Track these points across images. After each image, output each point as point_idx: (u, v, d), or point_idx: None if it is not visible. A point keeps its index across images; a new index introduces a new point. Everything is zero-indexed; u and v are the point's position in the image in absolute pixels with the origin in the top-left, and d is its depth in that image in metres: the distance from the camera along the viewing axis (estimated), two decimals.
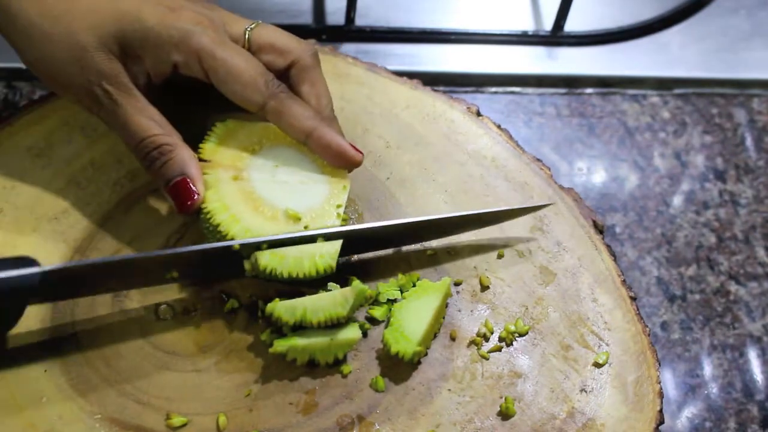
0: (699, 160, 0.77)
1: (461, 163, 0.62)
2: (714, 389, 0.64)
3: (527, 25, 0.82)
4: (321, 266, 0.51)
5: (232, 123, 0.55)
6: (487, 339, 0.54)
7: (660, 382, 0.53)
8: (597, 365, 0.54)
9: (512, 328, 0.54)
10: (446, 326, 0.54)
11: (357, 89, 0.64)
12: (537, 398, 0.52)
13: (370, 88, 0.64)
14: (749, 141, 0.79)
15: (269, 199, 0.53)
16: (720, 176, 0.76)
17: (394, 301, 0.54)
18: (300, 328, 0.50)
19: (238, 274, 0.52)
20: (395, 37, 0.80)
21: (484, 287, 0.56)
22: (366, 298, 0.52)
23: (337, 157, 0.54)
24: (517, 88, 0.79)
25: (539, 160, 0.63)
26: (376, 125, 0.62)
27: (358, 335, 0.51)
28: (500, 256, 0.58)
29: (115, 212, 0.56)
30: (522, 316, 0.55)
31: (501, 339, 0.54)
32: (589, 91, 0.80)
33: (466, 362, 0.53)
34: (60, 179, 0.57)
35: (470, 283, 0.56)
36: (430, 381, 0.52)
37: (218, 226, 0.51)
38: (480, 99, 0.78)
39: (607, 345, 0.55)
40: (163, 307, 0.53)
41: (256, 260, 0.50)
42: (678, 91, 0.81)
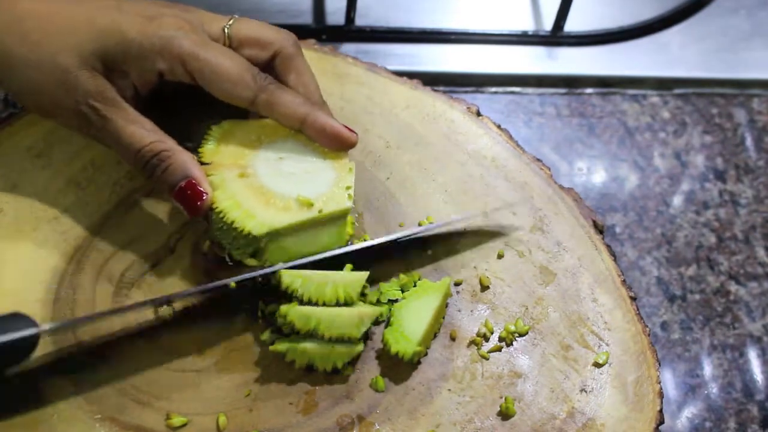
0: (699, 160, 0.77)
1: (461, 163, 0.62)
2: (714, 389, 0.64)
3: (527, 25, 0.82)
4: (342, 296, 0.50)
5: (227, 124, 0.55)
6: (487, 339, 0.54)
7: (660, 382, 0.53)
8: (597, 365, 0.54)
9: (512, 328, 0.54)
10: (446, 326, 0.54)
11: (357, 89, 0.64)
12: (537, 398, 0.52)
13: (370, 88, 0.64)
14: (749, 141, 0.79)
15: (279, 190, 0.53)
16: (720, 176, 0.76)
17: (395, 301, 0.54)
18: (309, 335, 0.50)
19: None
20: (395, 37, 0.80)
21: (484, 287, 0.56)
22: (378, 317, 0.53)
23: (332, 140, 0.54)
24: (517, 88, 0.79)
25: (539, 160, 0.63)
26: (376, 125, 0.62)
27: (360, 347, 0.51)
28: (500, 256, 0.58)
29: (115, 212, 0.56)
30: (522, 316, 0.55)
31: (501, 339, 0.54)
32: (589, 91, 0.80)
33: (466, 362, 0.53)
34: (60, 179, 0.57)
35: (470, 283, 0.56)
36: (430, 381, 0.52)
37: (233, 223, 0.51)
38: (480, 99, 0.78)
39: (607, 345, 0.55)
40: (163, 307, 0.53)
41: (279, 278, 0.50)
42: (678, 91, 0.81)
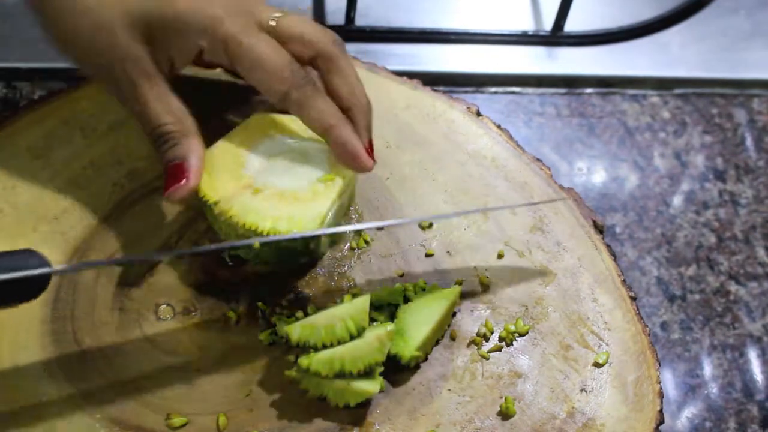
0: (699, 160, 0.77)
1: (461, 163, 0.62)
2: (714, 389, 0.64)
3: (527, 25, 0.82)
4: (354, 329, 0.49)
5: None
6: (487, 339, 0.54)
7: (660, 382, 0.53)
8: (597, 365, 0.54)
9: (512, 328, 0.54)
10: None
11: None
12: (537, 398, 0.52)
13: (370, 88, 0.64)
14: (749, 141, 0.79)
15: (298, 184, 0.53)
16: (720, 176, 0.76)
17: (396, 306, 0.54)
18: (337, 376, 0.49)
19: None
20: (395, 37, 0.80)
21: (484, 287, 0.56)
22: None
23: (349, 159, 0.53)
24: (517, 88, 0.79)
25: (539, 160, 0.63)
26: (376, 125, 0.62)
27: (375, 389, 0.49)
28: (500, 256, 0.58)
29: (114, 212, 0.56)
30: (522, 316, 0.55)
31: (501, 339, 0.54)
32: (589, 91, 0.80)
33: (466, 362, 0.53)
34: (60, 179, 0.57)
35: (470, 283, 0.56)
36: (430, 381, 0.52)
37: (287, 233, 0.51)
38: (480, 99, 0.78)
39: (607, 345, 0.55)
40: (163, 307, 0.53)
41: (288, 335, 0.49)
42: (678, 91, 0.81)
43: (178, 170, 0.51)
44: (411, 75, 0.66)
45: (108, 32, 0.51)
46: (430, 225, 0.58)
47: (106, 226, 0.55)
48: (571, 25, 0.81)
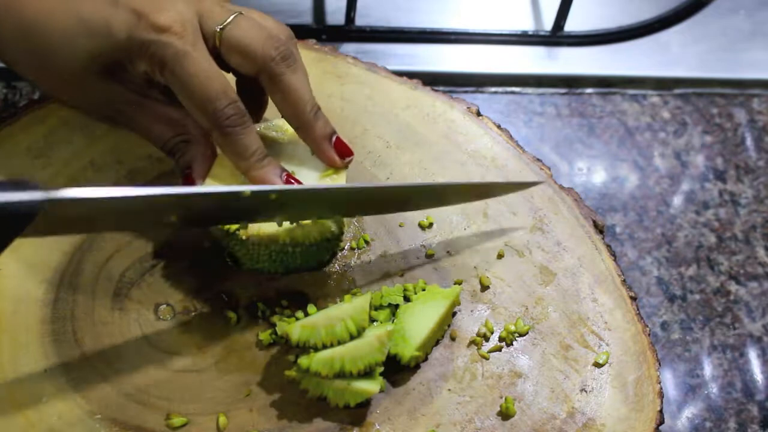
0: (699, 160, 0.77)
1: (461, 163, 0.62)
2: (714, 389, 0.64)
3: (527, 25, 0.82)
4: (354, 329, 0.49)
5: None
6: (487, 339, 0.54)
7: (660, 382, 0.53)
8: (597, 365, 0.54)
9: (512, 328, 0.54)
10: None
11: (357, 89, 0.64)
12: (537, 398, 0.52)
13: (370, 88, 0.64)
14: (749, 141, 0.79)
15: None
16: (720, 176, 0.76)
17: (396, 306, 0.54)
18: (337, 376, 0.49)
19: (241, 220, 0.51)
20: (395, 37, 0.80)
21: (484, 287, 0.56)
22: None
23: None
24: (517, 88, 0.79)
25: (539, 160, 0.63)
26: (376, 125, 0.62)
27: (375, 389, 0.49)
28: (500, 256, 0.58)
29: None
30: (522, 316, 0.55)
31: (501, 339, 0.54)
32: (589, 91, 0.80)
33: (466, 362, 0.53)
34: (60, 179, 0.57)
35: (470, 283, 0.56)
36: (430, 381, 0.52)
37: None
38: (480, 99, 0.78)
39: (607, 345, 0.55)
40: (163, 307, 0.53)
41: (288, 336, 0.49)
42: (678, 91, 0.81)
43: (187, 178, 0.53)
44: (411, 75, 0.66)
45: (81, 85, 0.52)
46: (431, 225, 0.58)
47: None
48: (571, 25, 0.81)
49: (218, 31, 0.51)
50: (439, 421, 0.51)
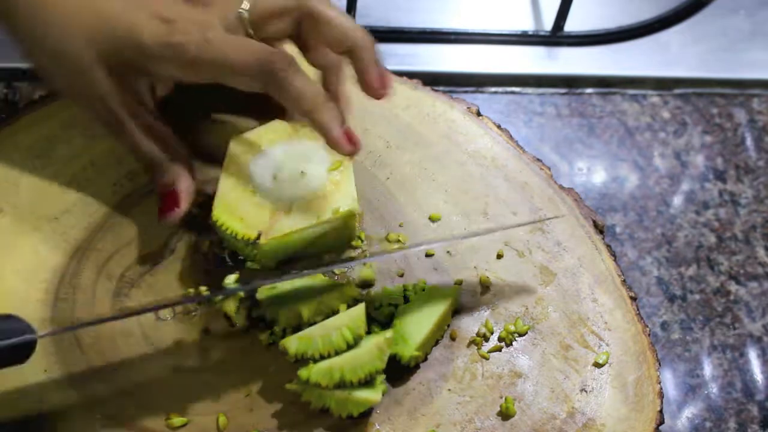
0: (699, 160, 0.77)
1: (461, 163, 0.62)
2: (714, 389, 0.64)
3: (527, 25, 0.82)
4: (351, 338, 0.49)
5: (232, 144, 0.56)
6: (487, 339, 0.54)
7: (660, 382, 0.53)
8: (597, 365, 0.54)
9: (512, 328, 0.54)
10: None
11: (357, 89, 0.64)
12: (537, 398, 0.52)
13: None
14: (749, 141, 0.79)
15: (273, 200, 0.54)
16: (720, 176, 0.76)
17: (396, 306, 0.54)
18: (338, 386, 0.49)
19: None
20: (395, 37, 0.80)
21: (484, 287, 0.56)
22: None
23: (330, 144, 0.52)
24: (517, 88, 0.79)
25: (539, 160, 0.63)
26: (376, 125, 0.62)
27: (377, 398, 0.49)
28: (500, 256, 0.58)
29: (115, 212, 0.56)
30: (522, 316, 0.55)
31: (501, 339, 0.54)
32: (589, 91, 0.80)
33: (466, 362, 0.53)
34: (60, 179, 0.57)
35: (470, 283, 0.56)
36: (430, 381, 0.52)
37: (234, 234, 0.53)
38: (480, 99, 0.78)
39: (607, 345, 0.55)
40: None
41: (285, 349, 0.49)
42: (678, 91, 0.81)
43: (169, 197, 0.53)
44: (411, 75, 0.66)
45: (84, 74, 0.51)
46: (431, 224, 0.58)
47: (107, 226, 0.55)
48: (571, 25, 0.81)
49: (245, 11, 0.53)
50: (439, 421, 0.51)
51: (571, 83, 0.80)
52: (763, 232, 0.73)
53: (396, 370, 0.51)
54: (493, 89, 0.79)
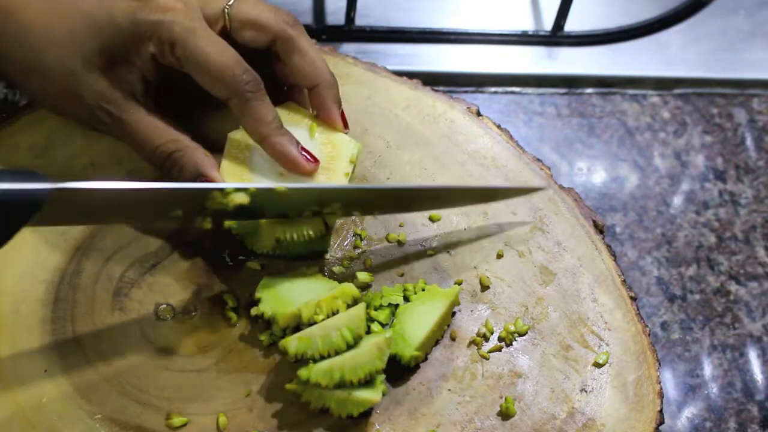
0: (699, 160, 0.77)
1: (461, 162, 0.62)
2: (714, 389, 0.64)
3: (527, 25, 0.82)
4: (351, 337, 0.49)
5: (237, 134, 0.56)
6: (487, 339, 0.54)
7: (660, 382, 0.53)
8: (597, 365, 0.54)
9: (512, 328, 0.54)
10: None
11: (357, 89, 0.64)
12: (537, 398, 0.52)
13: (370, 88, 0.64)
14: (749, 141, 0.79)
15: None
16: (720, 176, 0.76)
17: (396, 306, 0.54)
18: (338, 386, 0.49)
19: (245, 216, 0.52)
20: (395, 37, 0.80)
21: (484, 287, 0.56)
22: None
23: (288, 166, 0.53)
24: (517, 88, 0.79)
25: (539, 160, 0.63)
26: (376, 125, 0.62)
27: (377, 398, 0.49)
28: (500, 256, 0.58)
29: None
30: (522, 316, 0.55)
31: (501, 339, 0.54)
32: (589, 91, 0.80)
33: (467, 362, 0.53)
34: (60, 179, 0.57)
35: (470, 283, 0.56)
36: (430, 381, 0.52)
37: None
38: (480, 99, 0.78)
39: (607, 345, 0.55)
40: (163, 307, 0.53)
41: (285, 349, 0.49)
42: (678, 91, 0.81)
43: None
44: (411, 75, 0.66)
45: (75, 82, 0.51)
46: (432, 224, 0.58)
47: (107, 226, 0.55)
48: (571, 25, 0.81)
49: (227, 9, 0.54)
50: (439, 421, 0.51)
51: (571, 83, 0.80)
52: (763, 232, 0.73)
53: (396, 370, 0.52)
54: (493, 89, 0.79)
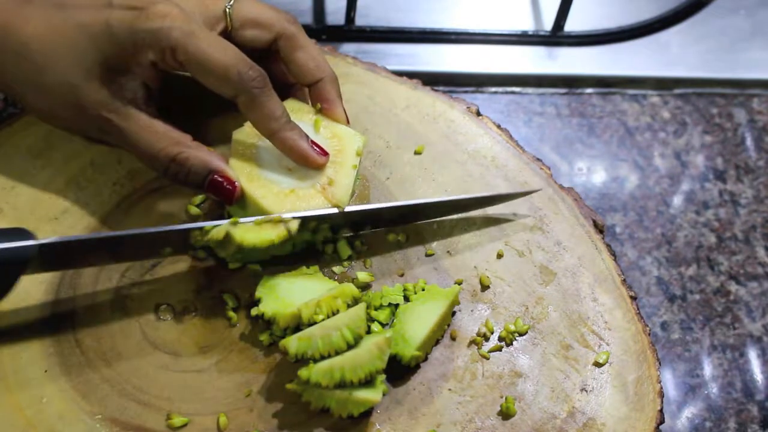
0: (699, 160, 0.77)
1: (461, 162, 0.62)
2: (714, 389, 0.64)
3: (527, 25, 0.82)
4: (351, 338, 0.49)
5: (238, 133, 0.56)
6: (487, 339, 0.54)
7: (660, 382, 0.53)
8: (597, 365, 0.54)
9: (512, 327, 0.54)
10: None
11: (357, 89, 0.64)
12: (537, 398, 0.52)
13: (370, 88, 0.64)
14: (749, 141, 0.79)
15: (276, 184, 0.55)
16: (720, 176, 0.76)
17: (396, 306, 0.54)
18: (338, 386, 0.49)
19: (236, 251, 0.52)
20: (395, 37, 0.80)
21: (484, 287, 0.56)
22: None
23: (299, 160, 0.54)
24: (517, 88, 0.79)
25: (539, 160, 0.63)
26: (376, 125, 0.62)
27: (378, 398, 0.49)
28: (500, 256, 0.58)
29: (115, 212, 0.56)
30: (522, 315, 0.55)
31: (501, 338, 0.54)
32: (589, 91, 0.80)
33: (467, 362, 0.53)
34: (60, 179, 0.57)
35: (470, 283, 0.56)
36: (430, 381, 0.52)
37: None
38: (480, 99, 0.78)
39: (608, 344, 0.55)
40: (163, 307, 0.53)
41: (285, 349, 0.49)
42: (678, 91, 0.81)
43: (219, 182, 0.53)
44: (411, 75, 0.66)
45: (76, 94, 0.51)
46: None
47: (106, 226, 0.55)
48: (571, 25, 0.81)
49: (228, 9, 0.55)
50: (440, 421, 0.51)
51: (571, 83, 0.80)
52: (763, 232, 0.73)
53: (396, 370, 0.52)
54: (493, 89, 0.79)
